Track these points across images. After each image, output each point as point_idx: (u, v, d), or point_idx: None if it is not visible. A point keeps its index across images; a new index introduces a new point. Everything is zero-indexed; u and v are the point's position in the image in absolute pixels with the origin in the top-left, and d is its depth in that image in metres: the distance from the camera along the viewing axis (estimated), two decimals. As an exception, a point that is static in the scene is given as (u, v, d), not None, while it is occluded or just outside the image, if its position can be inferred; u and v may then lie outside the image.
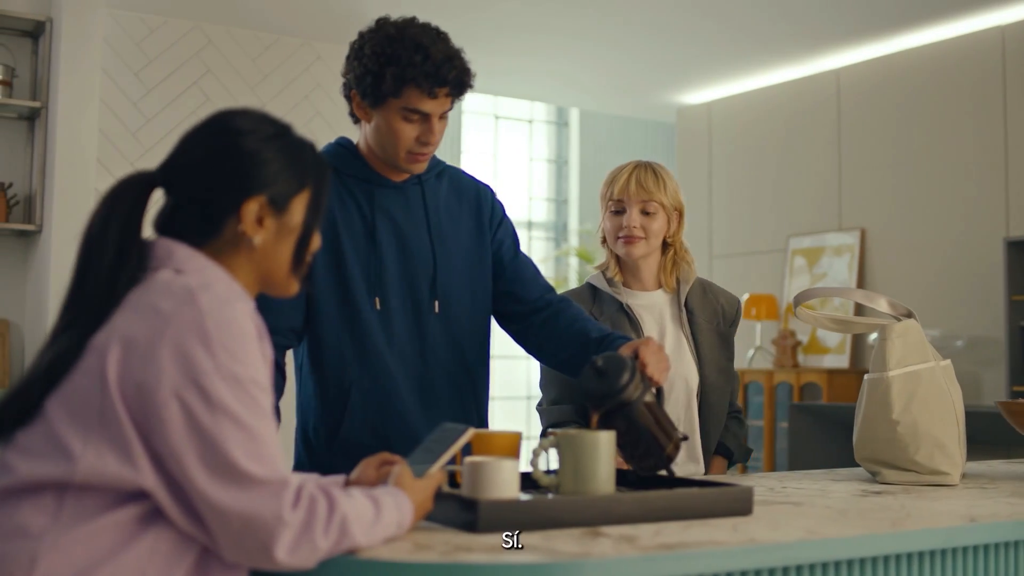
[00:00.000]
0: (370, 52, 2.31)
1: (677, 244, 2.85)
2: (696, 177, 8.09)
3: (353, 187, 2.44)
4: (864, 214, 6.87)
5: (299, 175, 1.67)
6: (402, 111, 2.32)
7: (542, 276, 2.62)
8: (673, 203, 2.81)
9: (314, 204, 1.70)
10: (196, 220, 1.62)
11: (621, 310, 2.77)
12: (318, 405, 2.43)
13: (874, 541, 1.82)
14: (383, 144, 2.38)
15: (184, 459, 1.45)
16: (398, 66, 2.27)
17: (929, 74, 6.56)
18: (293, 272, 1.70)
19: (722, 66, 7.36)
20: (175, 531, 1.50)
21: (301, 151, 1.69)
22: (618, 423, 2.09)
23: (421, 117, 2.33)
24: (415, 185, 2.49)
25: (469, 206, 2.56)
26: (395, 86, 2.28)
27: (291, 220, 1.66)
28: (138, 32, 6.02)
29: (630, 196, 2.78)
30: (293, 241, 1.68)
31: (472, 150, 9.14)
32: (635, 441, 2.12)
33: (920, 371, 2.59)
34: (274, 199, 1.64)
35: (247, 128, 1.65)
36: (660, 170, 2.82)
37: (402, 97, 2.30)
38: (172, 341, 1.47)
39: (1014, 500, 2.27)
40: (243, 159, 1.62)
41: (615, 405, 2.07)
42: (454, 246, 2.50)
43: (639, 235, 2.77)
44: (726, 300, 2.91)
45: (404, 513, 1.64)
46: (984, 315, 6.10)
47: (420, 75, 2.27)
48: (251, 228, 1.62)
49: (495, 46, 7.07)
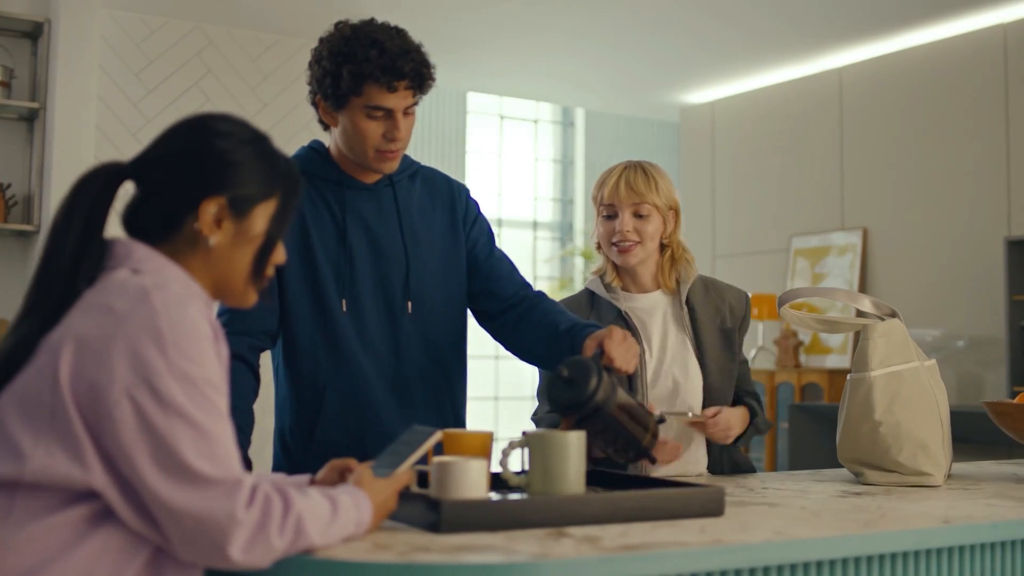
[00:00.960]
0: (327, 54, 2.32)
1: (675, 244, 2.76)
2: (699, 177, 8.07)
3: (324, 190, 2.44)
4: (866, 214, 6.84)
5: (267, 183, 1.66)
6: (365, 109, 2.32)
7: (518, 272, 2.61)
8: (667, 203, 2.72)
9: (280, 215, 1.68)
10: (158, 215, 1.62)
11: (620, 317, 2.70)
12: (293, 407, 2.43)
13: (841, 543, 1.80)
14: (351, 145, 2.38)
15: (136, 459, 1.45)
16: (354, 63, 2.28)
17: (931, 73, 6.53)
18: (251, 282, 1.68)
19: (725, 65, 7.34)
20: (126, 531, 1.49)
21: (274, 160, 1.68)
22: (593, 425, 2.09)
23: (385, 114, 2.33)
24: (387, 187, 2.48)
25: (443, 205, 2.55)
26: (354, 84, 2.29)
27: (252, 227, 1.65)
28: (138, 33, 6.03)
29: (620, 200, 2.68)
30: (253, 250, 1.66)
31: (477, 150, 9.14)
32: (612, 438, 2.13)
33: (903, 371, 2.57)
34: (235, 202, 1.62)
35: (223, 130, 1.65)
36: (651, 169, 2.73)
37: (363, 95, 2.30)
38: (125, 341, 1.47)
39: (994, 501, 2.26)
40: (211, 158, 1.62)
41: (587, 412, 2.06)
42: (427, 246, 2.49)
43: (633, 239, 2.68)
44: (733, 297, 2.80)
45: (363, 512, 1.63)
46: (985, 315, 6.07)
47: (377, 70, 2.27)
48: (208, 228, 1.61)
49: (499, 46, 7.07)
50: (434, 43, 7.49)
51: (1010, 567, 2.04)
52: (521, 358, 2.59)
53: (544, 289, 9.33)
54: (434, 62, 2.39)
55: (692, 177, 8.12)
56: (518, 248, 9.33)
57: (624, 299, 2.74)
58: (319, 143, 2.50)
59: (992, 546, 2.02)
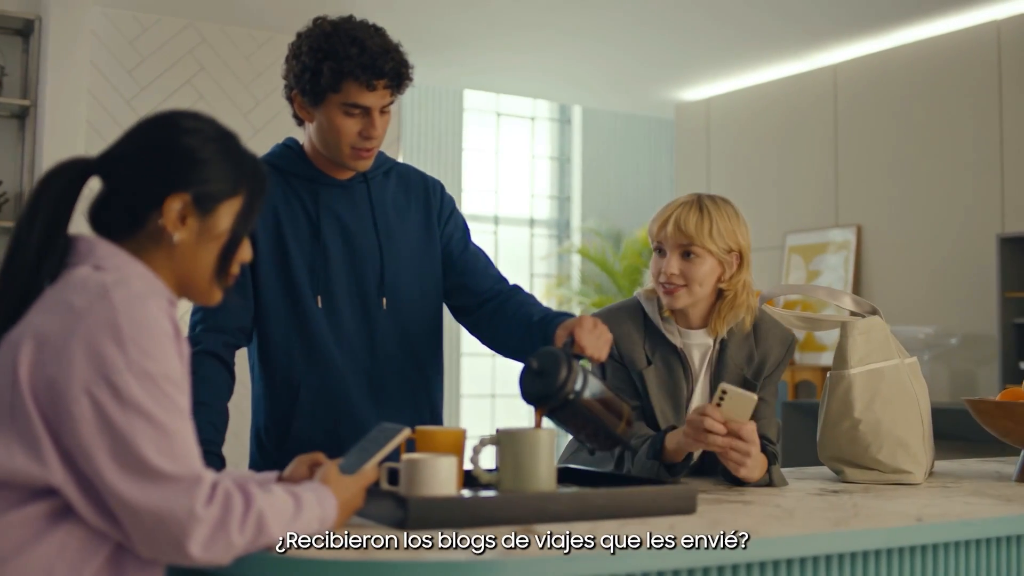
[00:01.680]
0: (307, 49, 2.31)
1: (736, 289, 2.52)
2: (694, 174, 8.06)
3: (298, 187, 2.44)
4: (861, 211, 6.83)
5: (232, 181, 1.65)
6: (343, 106, 2.31)
7: (494, 267, 2.60)
8: (725, 246, 2.49)
9: (245, 214, 1.67)
10: (123, 211, 1.61)
11: (675, 352, 2.54)
12: (268, 404, 2.43)
13: (808, 541, 1.80)
14: (326, 142, 2.37)
15: (95, 456, 1.44)
16: (335, 60, 2.27)
17: (925, 70, 6.52)
18: (216, 280, 1.68)
19: (720, 62, 7.33)
20: (86, 528, 1.49)
21: (240, 158, 1.67)
22: (565, 415, 2.06)
23: (362, 111, 2.32)
24: (361, 183, 2.48)
25: (417, 201, 2.55)
26: (333, 80, 2.28)
27: (216, 225, 1.64)
28: (131, 30, 6.03)
29: (667, 238, 2.49)
30: (218, 248, 1.66)
31: (474, 147, 9.13)
32: (583, 425, 2.08)
33: (883, 369, 2.56)
34: (200, 199, 1.62)
35: (190, 127, 1.64)
36: (711, 208, 2.49)
37: (341, 91, 2.29)
38: (84, 338, 1.46)
39: (971, 500, 2.25)
40: (176, 154, 1.61)
41: (558, 403, 2.05)
42: (402, 242, 2.49)
43: (679, 283, 2.48)
44: (775, 342, 2.57)
45: (327, 509, 1.62)
46: (978, 312, 6.06)
47: (357, 68, 2.26)
48: (172, 224, 1.61)
49: (496, 43, 7.06)
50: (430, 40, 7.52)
51: (984, 565, 2.04)
52: (499, 352, 2.58)
53: (541, 287, 9.38)
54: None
55: (687, 174, 8.12)
56: (515, 245, 9.34)
57: (679, 335, 2.56)
58: (293, 140, 2.50)
59: (966, 544, 2.01)
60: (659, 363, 2.54)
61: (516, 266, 9.33)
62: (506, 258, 9.23)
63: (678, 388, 2.52)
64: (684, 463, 2.39)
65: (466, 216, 9.20)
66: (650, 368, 2.52)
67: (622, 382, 2.53)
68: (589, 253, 8.95)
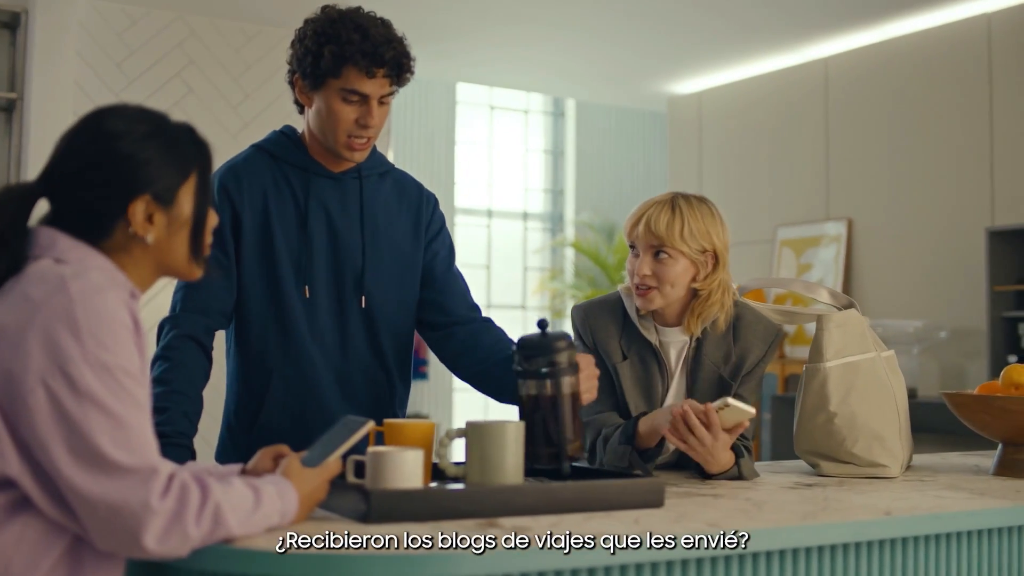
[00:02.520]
0: (311, 33, 2.33)
1: (711, 289, 2.49)
2: (686, 167, 8.06)
3: (289, 174, 2.43)
4: (852, 204, 6.83)
5: (181, 166, 1.65)
6: (341, 92, 2.31)
7: (471, 296, 2.61)
8: (698, 247, 2.45)
9: (201, 188, 1.68)
10: (83, 226, 1.61)
11: (650, 349, 2.54)
12: (240, 388, 2.44)
13: (776, 534, 1.79)
14: (323, 127, 2.37)
15: (50, 447, 1.44)
16: (337, 44, 2.28)
17: (915, 63, 6.51)
18: (193, 257, 1.68)
19: (712, 56, 7.33)
20: (44, 520, 1.49)
21: (178, 141, 1.66)
22: (542, 392, 2.04)
23: (360, 99, 2.32)
24: (354, 179, 2.48)
25: (409, 209, 2.55)
26: (334, 64, 2.29)
27: (181, 211, 1.65)
28: (120, 23, 6.01)
29: (639, 238, 2.48)
30: (188, 230, 1.66)
31: (467, 140, 9.12)
32: (544, 421, 2.04)
33: (859, 362, 2.56)
34: (159, 195, 1.62)
35: (120, 130, 1.62)
36: (684, 208, 2.46)
37: (341, 77, 2.30)
38: (40, 328, 1.46)
39: (944, 494, 2.24)
40: (122, 163, 1.60)
41: (545, 365, 2.02)
42: (386, 245, 2.49)
43: (651, 284, 2.45)
44: (755, 340, 2.54)
45: (288, 502, 1.62)
46: (968, 306, 6.06)
47: (358, 53, 2.27)
48: (142, 228, 1.61)
49: (489, 36, 7.05)
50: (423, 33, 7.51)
51: (955, 559, 2.04)
52: (457, 373, 2.58)
53: (534, 280, 9.37)
54: (420, 53, 2.40)
55: (679, 167, 8.11)
56: (508, 239, 9.33)
57: (656, 331, 2.55)
58: (291, 128, 2.49)
59: (935, 538, 2.01)
60: (634, 358, 2.53)
61: (509, 260, 9.33)
62: (499, 251, 9.24)
63: (652, 384, 2.52)
64: (656, 449, 2.40)
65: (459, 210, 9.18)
66: (625, 363, 2.52)
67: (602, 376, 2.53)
68: (582, 246, 8.95)
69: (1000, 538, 2.10)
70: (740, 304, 2.58)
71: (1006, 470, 2.59)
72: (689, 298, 2.52)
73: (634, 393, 2.51)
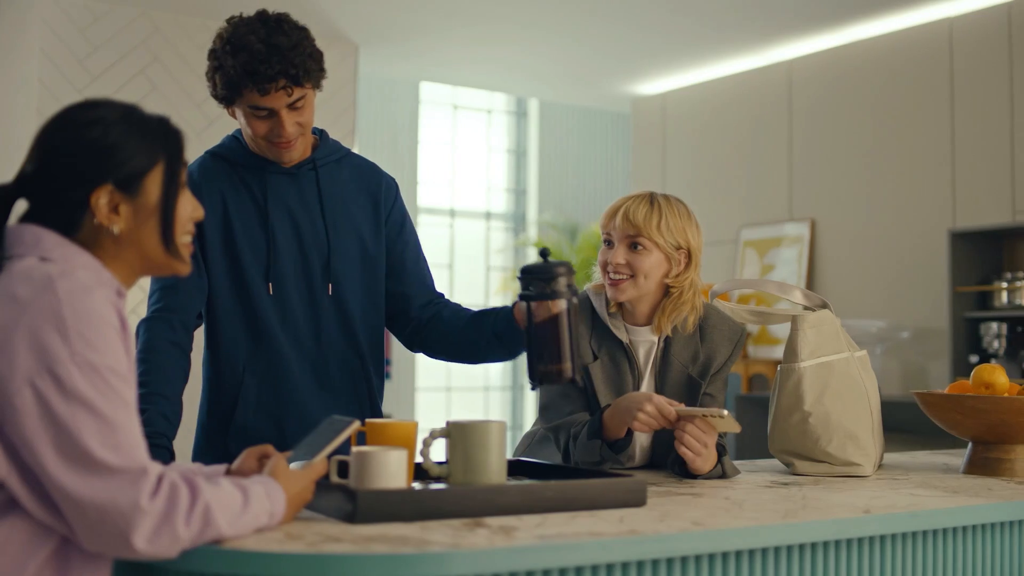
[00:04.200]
0: (210, 58, 2.34)
1: (682, 288, 2.52)
2: (650, 168, 8.09)
3: (247, 177, 2.46)
4: (814, 206, 6.88)
5: (147, 153, 1.62)
6: (248, 108, 2.32)
7: (434, 284, 2.65)
8: (673, 242, 2.49)
9: (169, 175, 1.65)
10: (55, 219, 1.59)
11: (621, 348, 2.56)
12: (214, 388, 2.45)
13: (759, 532, 1.80)
14: (248, 139, 2.43)
15: (38, 448, 1.43)
16: (222, 72, 2.29)
17: (878, 66, 6.57)
18: (167, 249, 1.65)
19: (676, 57, 7.36)
20: (31, 522, 1.47)
21: (146, 128, 1.64)
22: (541, 311, 2.14)
23: (267, 112, 2.33)
24: (310, 170, 2.49)
25: (368, 195, 2.56)
26: (229, 91, 2.30)
27: (148, 200, 1.62)
28: (83, 18, 5.96)
29: (615, 229, 2.51)
30: (157, 220, 1.64)
31: (430, 140, 9.11)
32: (545, 338, 2.15)
33: (833, 362, 2.59)
34: (122, 183, 1.60)
35: (88, 119, 1.61)
36: (663, 204, 2.51)
37: (242, 96, 2.30)
38: (27, 328, 1.45)
39: (919, 491, 2.27)
40: (84, 151, 1.59)
41: (547, 286, 2.13)
42: (348, 231, 2.50)
43: (624, 274, 2.49)
44: (722, 340, 2.58)
45: (276, 503, 1.61)
46: (929, 306, 6.12)
47: (244, 76, 2.26)
48: (107, 218, 1.59)
49: (452, 36, 7.04)
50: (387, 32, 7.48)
51: (931, 556, 2.06)
52: (436, 354, 2.60)
53: (497, 280, 9.37)
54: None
55: (643, 168, 8.14)
56: (471, 239, 9.33)
57: (626, 330, 2.57)
58: (240, 132, 2.50)
59: (913, 535, 2.03)
60: (605, 357, 2.55)
61: (472, 259, 9.33)
62: (462, 251, 9.23)
63: (623, 383, 2.54)
64: (626, 439, 2.42)
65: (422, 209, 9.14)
66: (596, 363, 2.54)
67: None
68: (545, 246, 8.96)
69: (975, 535, 2.14)
70: (706, 305, 2.61)
71: (976, 468, 2.63)
72: (660, 296, 2.54)
73: (605, 392, 2.52)
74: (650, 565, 1.71)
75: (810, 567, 1.89)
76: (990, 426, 2.56)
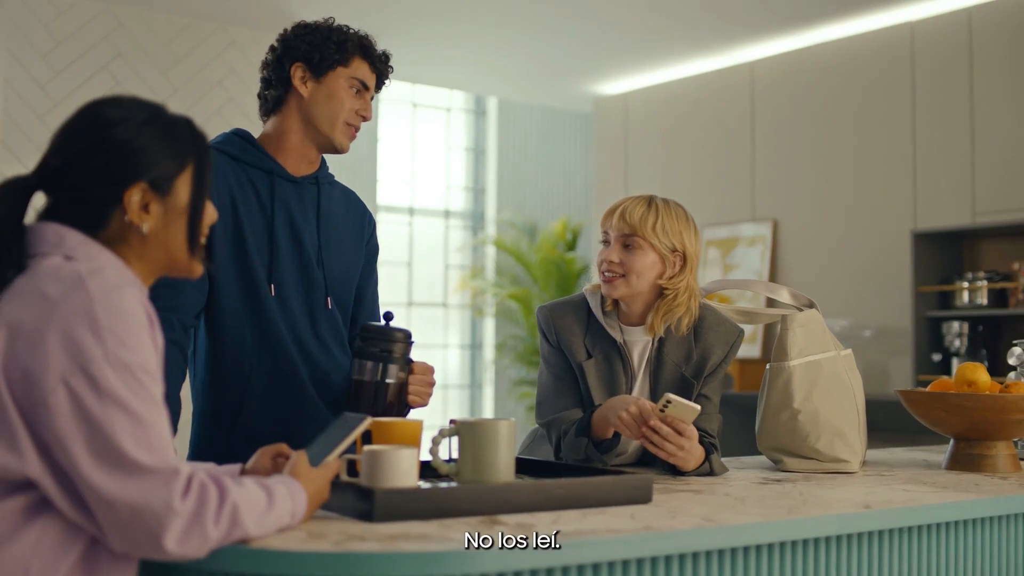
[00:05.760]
0: (318, 28, 2.48)
1: (677, 290, 2.53)
2: (612, 167, 8.13)
3: (253, 176, 2.46)
4: (776, 206, 6.95)
5: (178, 154, 1.63)
6: (349, 79, 2.46)
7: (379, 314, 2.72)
8: (669, 244, 2.51)
9: (198, 179, 1.66)
10: (81, 216, 1.59)
11: (615, 348, 2.57)
12: (216, 389, 2.43)
13: (769, 528, 1.84)
14: (323, 114, 2.47)
15: (71, 447, 1.42)
16: (339, 35, 2.47)
17: (840, 68, 6.65)
18: (191, 251, 1.66)
19: (639, 57, 7.40)
20: (62, 522, 1.47)
21: (175, 130, 1.65)
22: (372, 377, 2.29)
23: (363, 89, 2.48)
24: (312, 185, 2.54)
25: (355, 222, 2.63)
26: (340, 54, 2.45)
27: (177, 201, 1.63)
28: (45, 13, 5.89)
29: (612, 227, 2.54)
30: (185, 221, 1.64)
31: (389, 138, 9.10)
32: (370, 405, 2.30)
33: (821, 360, 2.63)
34: (156, 183, 1.60)
35: (118, 117, 1.61)
36: (661, 206, 2.53)
37: (350, 66, 2.46)
38: (60, 327, 1.44)
39: (910, 487, 2.32)
40: (117, 149, 1.59)
41: (380, 350, 2.29)
42: (337, 251, 2.55)
43: (617, 272, 2.51)
44: (717, 340, 2.58)
45: (298, 502, 1.62)
46: (892, 305, 6.21)
47: (361, 47, 2.47)
48: (137, 216, 1.59)
49: (413, 34, 7.04)
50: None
51: (930, 550, 2.11)
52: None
53: (455, 278, 9.38)
54: None
55: (605, 167, 8.18)
56: (430, 237, 9.32)
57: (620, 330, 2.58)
58: (245, 131, 2.51)
59: (910, 530, 2.08)
60: (599, 357, 2.57)
61: (431, 257, 9.32)
62: (421, 249, 9.22)
63: (617, 382, 2.56)
64: (614, 439, 2.45)
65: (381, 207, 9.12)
66: (590, 361, 2.55)
67: (563, 371, 2.58)
68: (504, 245, 8.97)
69: (968, 530, 2.19)
70: (702, 306, 2.63)
71: (958, 464, 2.68)
72: (654, 297, 2.56)
73: (599, 391, 2.54)
74: (663, 561, 1.74)
75: (813, 562, 1.93)
76: (973, 423, 2.62)
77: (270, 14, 6.23)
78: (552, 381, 2.59)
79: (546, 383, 2.60)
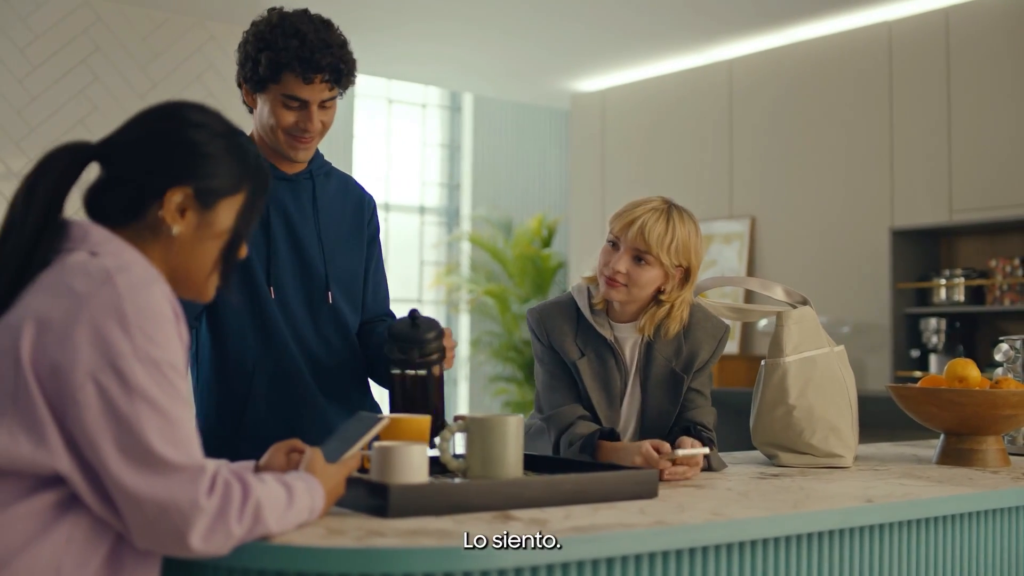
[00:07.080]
0: (252, 38, 2.36)
1: (674, 302, 2.55)
2: (589, 165, 8.15)
3: None
4: (754, 203, 7.00)
5: (235, 177, 1.64)
6: (281, 97, 2.35)
7: (388, 301, 2.69)
8: (676, 261, 2.51)
9: (247, 212, 1.67)
10: (123, 200, 1.59)
11: (606, 345, 2.58)
12: (218, 390, 2.43)
13: (779, 521, 1.86)
14: (265, 129, 2.41)
15: (99, 443, 1.42)
16: (274, 51, 2.31)
17: (818, 67, 6.70)
18: (212, 275, 1.66)
19: (616, 54, 7.42)
20: (90, 519, 1.47)
21: (244, 155, 1.66)
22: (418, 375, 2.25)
23: (300, 104, 2.36)
24: (307, 179, 2.52)
25: (353, 209, 2.60)
26: (271, 72, 2.32)
27: (216, 220, 1.63)
28: (23, 6, 5.84)
29: (626, 239, 2.51)
30: (218, 246, 1.64)
31: (365, 134, 9.08)
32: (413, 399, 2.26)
33: (815, 356, 2.66)
34: (201, 193, 1.61)
35: (197, 120, 1.63)
36: (678, 222, 2.52)
37: (280, 83, 2.34)
38: (89, 322, 1.44)
39: (906, 481, 2.35)
40: (181, 146, 1.60)
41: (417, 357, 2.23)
42: (337, 243, 2.54)
43: (621, 281, 2.51)
44: (705, 336, 2.61)
45: (316, 499, 1.63)
46: (870, 302, 6.27)
47: (295, 60, 2.31)
48: (171, 216, 1.59)
49: (388, 30, 7.03)
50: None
51: (928, 543, 2.14)
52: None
53: (430, 274, 9.38)
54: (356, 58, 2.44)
55: (582, 164, 8.20)
56: (405, 233, 9.32)
57: (611, 328, 2.60)
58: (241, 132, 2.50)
59: (909, 523, 2.11)
60: (591, 355, 2.58)
61: (406, 253, 9.32)
62: (396, 245, 9.22)
63: (611, 380, 2.57)
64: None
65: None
66: (583, 359, 2.57)
67: (558, 367, 2.59)
68: (479, 241, 8.98)
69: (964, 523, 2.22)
70: (691, 304, 2.64)
71: (949, 459, 2.72)
72: (649, 301, 2.57)
73: (594, 388, 2.56)
74: (674, 555, 1.75)
75: (816, 555, 1.95)
76: (964, 418, 2.65)
77: (250, 9, 6.20)
78: (548, 378, 2.60)
79: (543, 380, 2.62)
